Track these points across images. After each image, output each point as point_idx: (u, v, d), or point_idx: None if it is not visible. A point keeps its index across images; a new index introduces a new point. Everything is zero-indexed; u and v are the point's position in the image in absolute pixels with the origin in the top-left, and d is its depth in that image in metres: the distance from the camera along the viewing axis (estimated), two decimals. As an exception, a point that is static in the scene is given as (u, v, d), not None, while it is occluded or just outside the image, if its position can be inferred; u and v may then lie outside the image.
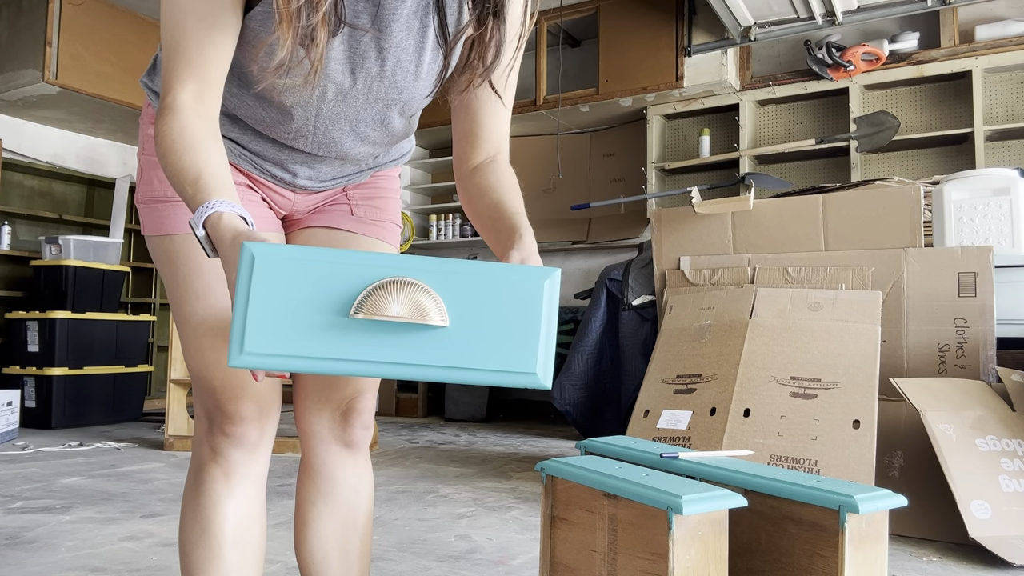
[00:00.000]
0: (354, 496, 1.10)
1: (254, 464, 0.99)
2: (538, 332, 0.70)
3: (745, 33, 4.45)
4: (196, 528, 0.97)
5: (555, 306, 0.72)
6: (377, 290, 0.67)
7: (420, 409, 5.07)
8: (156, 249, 1.00)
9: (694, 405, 2.30)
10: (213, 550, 0.96)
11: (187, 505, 0.99)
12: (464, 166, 1.01)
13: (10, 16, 4.74)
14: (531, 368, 0.70)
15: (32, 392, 4.36)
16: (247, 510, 0.99)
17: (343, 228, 1.11)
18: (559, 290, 0.73)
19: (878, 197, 2.61)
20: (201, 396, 0.98)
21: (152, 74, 1.02)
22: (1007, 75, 4.07)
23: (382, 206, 1.15)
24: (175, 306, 0.99)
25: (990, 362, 2.35)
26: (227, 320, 0.96)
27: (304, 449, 1.10)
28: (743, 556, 1.23)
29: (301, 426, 1.10)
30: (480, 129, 1.00)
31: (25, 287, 5.05)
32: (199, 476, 0.98)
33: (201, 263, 0.97)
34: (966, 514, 1.92)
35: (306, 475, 1.10)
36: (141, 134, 1.03)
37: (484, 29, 0.93)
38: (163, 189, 0.98)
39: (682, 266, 2.91)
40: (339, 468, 1.09)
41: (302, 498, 1.11)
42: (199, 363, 0.97)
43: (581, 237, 5.23)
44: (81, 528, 2.13)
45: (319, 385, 1.08)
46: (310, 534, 1.09)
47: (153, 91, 1.01)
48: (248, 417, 0.96)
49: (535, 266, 0.76)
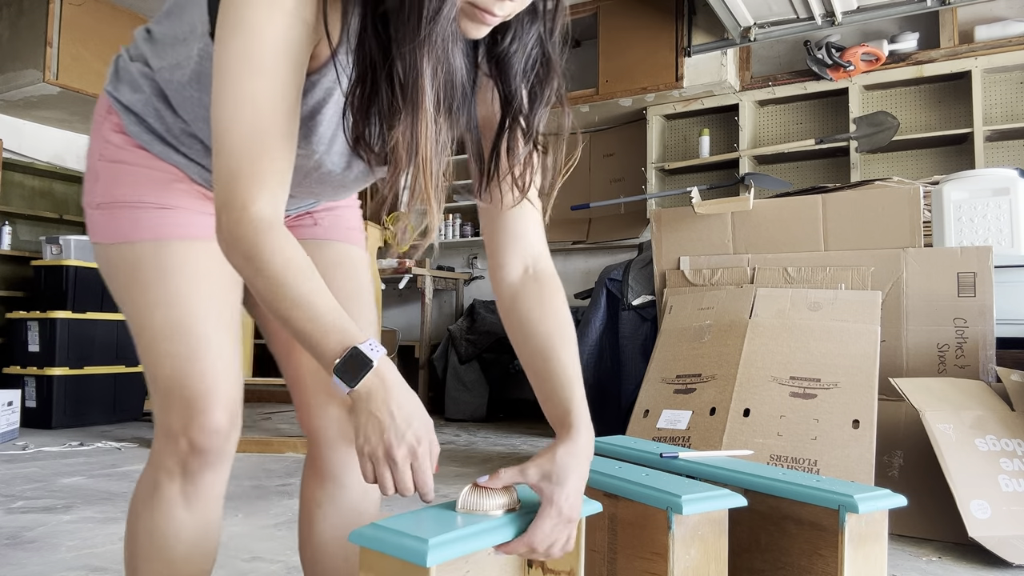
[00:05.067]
0: (362, 501, 1.08)
1: (215, 480, 0.96)
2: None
3: (745, 33, 4.45)
4: (148, 539, 0.94)
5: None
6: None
7: (420, 409, 5.07)
8: (115, 256, 0.95)
9: (694, 405, 2.30)
10: (165, 565, 0.94)
11: (140, 520, 0.96)
12: (499, 271, 0.96)
13: (11, 16, 4.74)
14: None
15: (33, 392, 4.36)
16: (205, 528, 0.96)
17: (310, 238, 1.10)
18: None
19: (878, 197, 2.61)
20: (170, 410, 0.93)
21: (116, 82, 0.98)
22: (1007, 75, 4.08)
23: (344, 215, 1.15)
24: (140, 316, 0.93)
25: (989, 362, 2.35)
26: (201, 324, 0.93)
27: (311, 449, 1.08)
28: (743, 556, 1.24)
29: (307, 425, 1.07)
30: (511, 225, 0.94)
31: (26, 287, 5.05)
32: (158, 493, 0.94)
33: (169, 268, 0.93)
34: (965, 514, 1.92)
35: (313, 475, 1.08)
36: (98, 138, 0.98)
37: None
38: (130, 193, 0.94)
39: (682, 266, 2.91)
40: (347, 470, 1.06)
41: (307, 499, 1.08)
42: (172, 373, 0.92)
43: (581, 237, 5.23)
44: (82, 528, 2.14)
45: (324, 385, 1.05)
46: (315, 536, 1.07)
47: (120, 102, 0.96)
48: (220, 429, 0.93)
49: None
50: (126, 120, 0.96)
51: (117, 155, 0.96)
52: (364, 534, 0.78)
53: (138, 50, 0.98)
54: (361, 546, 0.78)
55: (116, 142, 0.96)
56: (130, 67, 0.97)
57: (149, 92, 0.95)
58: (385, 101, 0.77)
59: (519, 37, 0.85)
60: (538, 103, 0.88)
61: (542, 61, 0.87)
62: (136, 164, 0.96)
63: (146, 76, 0.95)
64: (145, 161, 0.96)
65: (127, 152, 0.96)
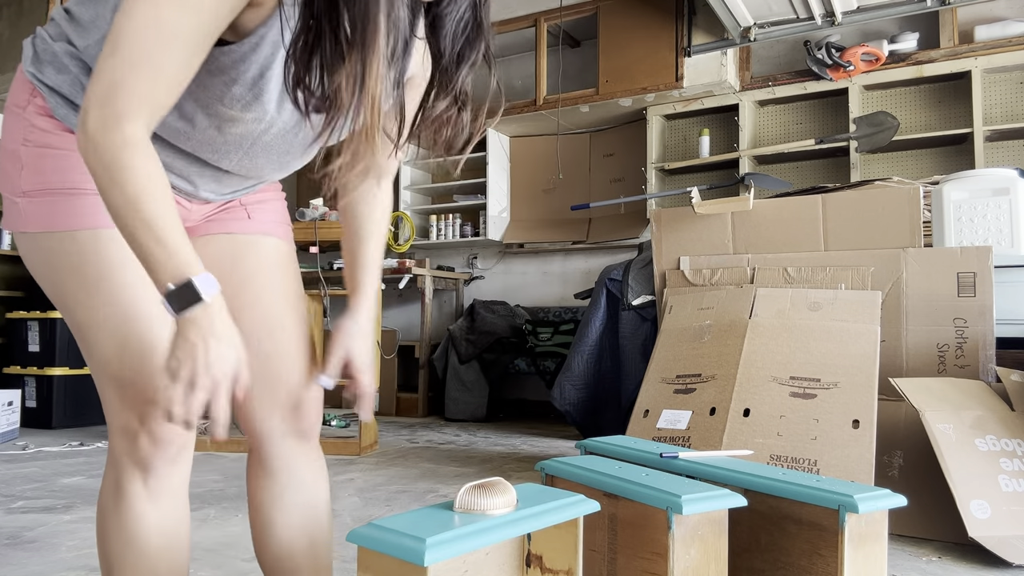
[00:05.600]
0: (314, 489, 1.09)
1: (178, 473, 0.97)
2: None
3: (745, 33, 4.46)
4: (119, 541, 0.95)
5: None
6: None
7: (420, 409, 5.08)
8: (51, 246, 0.91)
9: (694, 405, 2.30)
10: (140, 564, 0.95)
11: (108, 520, 0.96)
12: (357, 175, 1.02)
13: (11, 16, 4.75)
14: None
15: (33, 392, 4.36)
16: (172, 520, 0.97)
17: (242, 232, 1.10)
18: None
19: (878, 197, 2.61)
20: (126, 407, 0.93)
21: (39, 64, 0.94)
22: (1006, 75, 4.08)
23: (274, 207, 1.16)
24: (84, 312, 0.91)
25: (989, 362, 2.35)
26: (148, 319, 0.92)
27: (257, 448, 1.07)
28: (743, 556, 1.24)
29: (251, 426, 1.06)
30: (382, 159, 1.01)
31: (26, 287, 5.05)
32: (120, 491, 0.95)
33: (112, 259, 0.91)
34: (965, 514, 1.92)
35: (263, 474, 1.07)
36: (20, 122, 0.94)
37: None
38: (62, 179, 0.91)
39: (682, 266, 2.91)
40: (297, 461, 1.07)
41: (261, 499, 1.07)
42: (126, 370, 0.91)
43: (581, 237, 5.23)
44: (82, 528, 2.14)
45: (266, 381, 1.05)
46: (277, 533, 1.07)
47: (44, 84, 0.93)
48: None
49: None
50: (53, 102, 0.93)
51: (44, 139, 0.93)
52: (362, 534, 0.78)
53: (59, 29, 0.95)
54: (359, 545, 0.78)
55: (43, 126, 0.93)
56: (53, 47, 0.94)
57: (76, 71, 0.92)
58: (329, 47, 0.79)
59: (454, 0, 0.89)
60: (465, 63, 0.92)
61: (473, 24, 0.90)
62: (65, 148, 0.93)
63: (72, 55, 0.93)
64: (74, 144, 0.93)
65: (55, 136, 0.93)
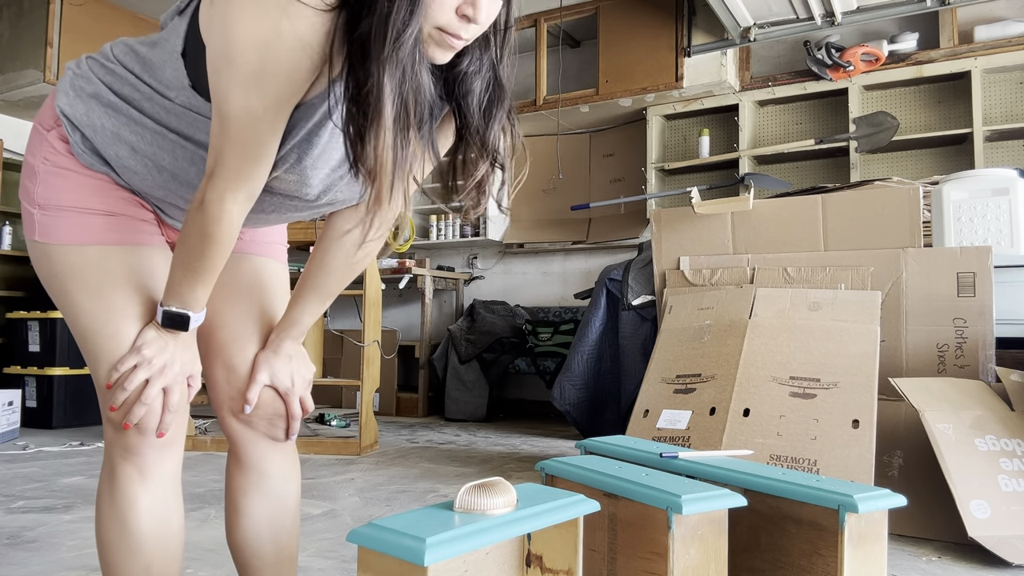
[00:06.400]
0: (283, 484, 1.16)
1: (169, 458, 1.02)
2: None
3: (745, 34, 4.46)
4: (114, 527, 1.00)
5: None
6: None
7: (420, 409, 5.08)
8: (60, 257, 1.00)
9: (694, 405, 2.30)
10: (133, 548, 1.00)
11: (103, 506, 1.01)
12: (335, 230, 1.10)
13: (11, 17, 4.75)
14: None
15: (33, 392, 4.36)
16: (164, 505, 1.02)
17: (239, 250, 1.16)
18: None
19: (877, 197, 2.61)
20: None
21: (70, 99, 1.00)
22: (1006, 75, 4.08)
23: (274, 228, 1.22)
24: (87, 318, 0.99)
25: (989, 362, 2.35)
26: (142, 321, 1.00)
27: (233, 447, 1.16)
28: (743, 556, 1.24)
29: (227, 427, 1.14)
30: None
31: (26, 287, 5.05)
32: (114, 477, 1.00)
33: (115, 272, 1.00)
34: (965, 514, 1.92)
35: (237, 468, 1.16)
36: (43, 141, 1.02)
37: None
38: (74, 199, 1.00)
39: (682, 266, 2.91)
40: (269, 460, 1.15)
41: (233, 488, 1.16)
42: (111, 369, 0.99)
43: (581, 237, 5.23)
44: (82, 527, 2.14)
45: (240, 390, 1.12)
46: (243, 520, 1.15)
47: (69, 120, 1.00)
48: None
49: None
50: (73, 139, 1.00)
51: (61, 161, 1.01)
52: (362, 533, 0.78)
53: (124, 57, 1.00)
54: (359, 545, 0.78)
55: (61, 150, 1.01)
56: (114, 68, 0.99)
57: (112, 123, 0.98)
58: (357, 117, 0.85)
59: (474, 61, 0.93)
60: (493, 122, 0.96)
61: (494, 84, 0.95)
62: (79, 172, 1.01)
63: (132, 85, 0.98)
64: (86, 170, 1.02)
65: (70, 160, 1.01)
